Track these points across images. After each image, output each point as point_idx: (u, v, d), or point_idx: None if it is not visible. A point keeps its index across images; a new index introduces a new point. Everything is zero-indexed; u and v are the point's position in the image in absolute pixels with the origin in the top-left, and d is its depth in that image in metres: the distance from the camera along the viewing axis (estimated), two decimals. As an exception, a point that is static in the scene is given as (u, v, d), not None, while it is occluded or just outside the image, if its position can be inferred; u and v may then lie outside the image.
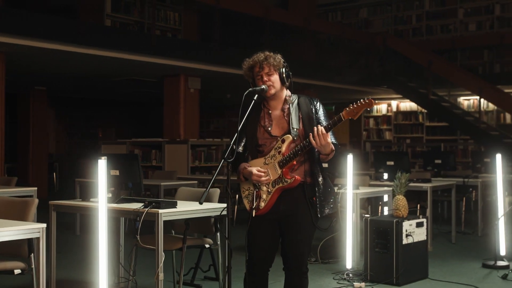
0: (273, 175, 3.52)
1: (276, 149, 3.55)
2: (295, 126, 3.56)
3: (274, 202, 3.54)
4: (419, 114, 16.00)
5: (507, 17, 14.83)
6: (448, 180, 8.01)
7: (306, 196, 3.56)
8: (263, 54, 3.61)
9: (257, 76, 3.61)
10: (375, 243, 5.56)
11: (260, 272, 3.65)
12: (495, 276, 5.87)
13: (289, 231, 3.60)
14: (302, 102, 3.67)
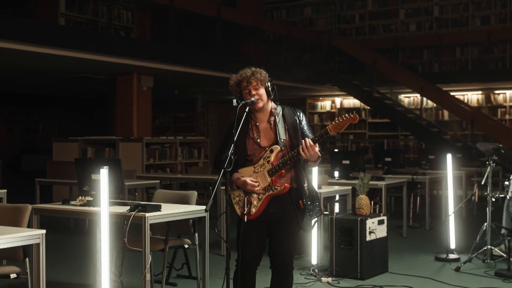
0: (263, 183, 3.78)
1: (265, 159, 3.80)
2: (282, 137, 3.83)
3: (264, 207, 3.79)
4: (362, 110, 16.52)
5: (445, 18, 15.49)
6: (400, 177, 8.45)
7: (293, 200, 3.84)
8: (250, 70, 3.86)
9: (245, 90, 3.85)
10: (340, 240, 5.90)
11: (250, 271, 3.92)
12: (448, 268, 6.31)
13: (277, 232, 3.87)
14: (287, 114, 3.94)
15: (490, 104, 15.08)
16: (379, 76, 14.37)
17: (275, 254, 3.90)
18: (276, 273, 3.95)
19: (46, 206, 4.90)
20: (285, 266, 3.92)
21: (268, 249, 3.95)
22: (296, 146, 3.80)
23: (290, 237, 3.89)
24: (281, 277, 3.94)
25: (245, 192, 3.82)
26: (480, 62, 14.84)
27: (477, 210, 10.28)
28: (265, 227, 3.89)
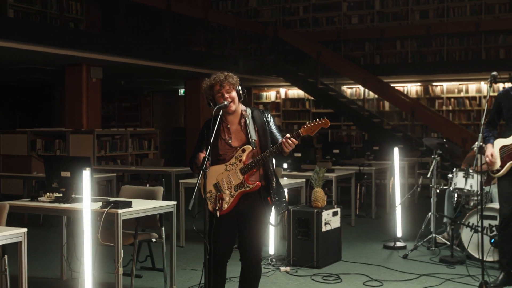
0: (235, 181, 4.03)
1: (236, 158, 4.05)
2: (253, 138, 4.09)
3: (235, 203, 4.04)
4: (306, 101, 16.93)
5: (386, 12, 15.99)
6: (348, 168, 8.83)
7: (262, 197, 4.11)
8: (223, 74, 4.10)
9: (218, 94, 4.08)
10: (297, 231, 6.21)
11: (221, 264, 4.17)
12: (396, 256, 6.71)
13: (247, 227, 4.13)
14: (256, 115, 4.21)
15: (428, 95, 15.71)
16: (323, 68, 14.77)
17: (245, 248, 4.16)
18: (245, 265, 4.21)
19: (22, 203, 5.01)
20: (254, 259, 4.18)
21: (238, 243, 4.20)
22: (265, 146, 4.08)
23: (259, 232, 4.16)
24: (250, 269, 4.21)
25: (216, 188, 4.05)
26: (419, 55, 15.43)
27: (418, 199, 10.81)
28: (235, 223, 4.14)
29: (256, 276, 4.24)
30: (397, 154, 7.42)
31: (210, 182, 4.06)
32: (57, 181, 5.07)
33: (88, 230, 3.81)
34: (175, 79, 15.22)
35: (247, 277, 4.23)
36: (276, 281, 5.66)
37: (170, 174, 8.86)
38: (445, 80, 15.37)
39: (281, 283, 5.59)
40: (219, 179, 4.05)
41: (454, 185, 6.71)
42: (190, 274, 5.89)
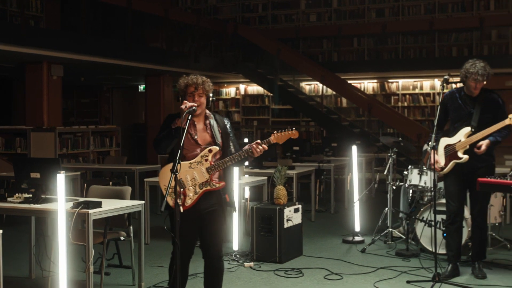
0: (201, 179, 4.23)
1: (203, 157, 4.26)
2: (218, 140, 4.30)
3: (197, 200, 4.24)
4: (265, 97, 17.16)
5: (343, 10, 16.31)
6: (308, 165, 9.10)
7: (222, 195, 4.33)
8: (201, 78, 4.31)
9: (190, 94, 4.27)
10: (260, 227, 6.43)
11: (185, 260, 4.37)
12: (355, 250, 7.00)
13: (208, 225, 4.35)
14: (218, 120, 4.45)
15: (384, 92, 16.12)
16: (282, 65, 15.01)
17: (207, 244, 4.38)
18: (208, 261, 4.43)
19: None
20: (217, 254, 4.41)
21: (200, 240, 4.41)
22: (227, 148, 4.36)
23: (220, 228, 4.40)
24: (213, 264, 4.43)
25: (180, 185, 4.23)
26: (375, 53, 15.79)
27: (375, 194, 11.15)
28: (196, 221, 4.33)
29: (219, 270, 4.47)
30: (355, 151, 7.71)
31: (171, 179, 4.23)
32: (27, 182, 5.18)
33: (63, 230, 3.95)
34: (136, 76, 15.27)
35: (211, 272, 4.46)
36: (240, 276, 5.87)
37: (133, 172, 8.98)
38: (401, 77, 15.79)
39: (245, 278, 5.81)
40: (183, 176, 4.23)
41: (409, 182, 7.03)
42: (157, 270, 6.05)
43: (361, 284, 5.60)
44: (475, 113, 5.54)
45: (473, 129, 5.52)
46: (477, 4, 14.96)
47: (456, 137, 5.62)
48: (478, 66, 5.43)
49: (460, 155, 5.56)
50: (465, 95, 5.66)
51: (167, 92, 14.56)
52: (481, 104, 5.56)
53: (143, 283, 5.40)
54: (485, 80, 5.48)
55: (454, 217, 5.75)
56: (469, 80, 5.50)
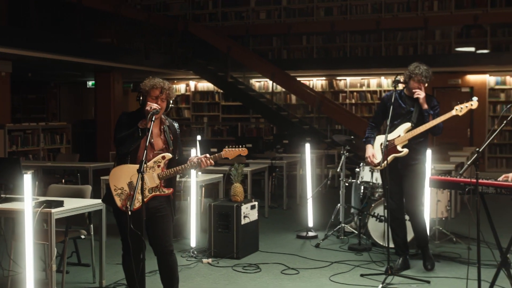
0: (151, 183, 4.36)
1: (155, 162, 4.38)
2: (171, 147, 4.46)
3: (146, 203, 4.34)
4: (215, 94, 17.27)
5: (292, 8, 16.55)
6: (261, 162, 9.26)
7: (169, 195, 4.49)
8: (167, 84, 4.42)
9: (153, 97, 4.35)
10: (218, 224, 6.56)
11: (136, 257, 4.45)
12: (309, 245, 7.20)
13: (157, 223, 4.47)
14: (170, 124, 4.60)
15: (333, 89, 16.45)
16: (233, 62, 15.13)
17: (157, 241, 4.51)
18: (160, 256, 4.56)
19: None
20: (167, 249, 4.54)
21: (149, 238, 4.51)
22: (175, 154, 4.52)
23: (167, 224, 4.53)
24: (165, 258, 4.56)
25: (130, 187, 4.32)
26: (324, 51, 16.10)
27: (327, 190, 11.40)
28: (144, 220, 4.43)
29: (172, 264, 4.61)
30: (308, 148, 7.92)
31: (124, 179, 4.33)
32: (-14, 182, 5.17)
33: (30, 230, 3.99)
34: (85, 72, 15.14)
35: (165, 267, 4.60)
36: (199, 273, 5.99)
37: (87, 170, 8.96)
38: (348, 74, 16.15)
39: (204, 274, 5.93)
40: (134, 178, 4.30)
41: (361, 178, 7.27)
42: (116, 268, 6.09)
43: (317, 278, 5.79)
44: (415, 111, 5.84)
45: (413, 124, 5.80)
46: (422, 4, 15.41)
47: (396, 132, 5.89)
48: (422, 69, 5.79)
49: (399, 149, 5.83)
50: (405, 95, 5.97)
51: (117, 88, 14.50)
52: (419, 104, 5.85)
53: (104, 280, 5.46)
54: (427, 81, 5.81)
55: (395, 215, 6.00)
56: (413, 81, 5.80)
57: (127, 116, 4.48)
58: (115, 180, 4.39)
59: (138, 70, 14.30)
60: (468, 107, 5.44)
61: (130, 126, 4.33)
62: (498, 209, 6.52)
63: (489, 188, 4.12)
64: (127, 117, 4.46)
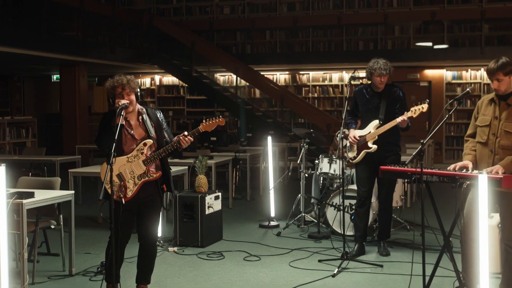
0: (138, 171, 4.59)
1: (138, 150, 4.62)
2: (152, 133, 4.67)
3: (137, 191, 4.60)
4: (180, 88, 17.47)
5: (256, 3, 16.80)
6: (225, 155, 9.54)
7: (159, 185, 4.71)
8: (125, 78, 4.63)
9: (119, 95, 4.60)
10: (183, 214, 6.82)
11: (121, 246, 4.71)
12: (271, 234, 7.51)
13: (146, 212, 4.72)
14: (151, 113, 4.80)
15: (296, 83, 16.79)
16: (197, 56, 15.34)
17: (144, 230, 4.75)
18: (144, 246, 4.80)
19: None
20: (153, 239, 4.80)
21: (137, 227, 4.77)
22: (161, 140, 4.71)
23: (156, 216, 4.79)
24: (148, 248, 4.82)
25: (120, 178, 4.58)
26: (287, 45, 16.40)
27: (289, 181, 11.74)
28: (135, 209, 4.69)
29: (153, 255, 4.87)
30: (270, 141, 8.23)
31: (113, 173, 4.57)
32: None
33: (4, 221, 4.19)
34: (50, 66, 15.19)
35: (145, 256, 4.84)
36: (165, 260, 6.25)
37: (54, 163, 9.13)
38: (311, 69, 16.50)
39: (170, 262, 6.19)
40: (122, 170, 4.58)
41: (320, 170, 7.61)
42: (85, 257, 6.33)
43: (277, 264, 6.10)
44: (382, 107, 6.18)
45: (381, 121, 6.16)
46: (382, 1, 15.82)
47: (367, 129, 6.24)
48: (380, 62, 6.12)
49: (370, 145, 6.18)
50: (372, 90, 6.30)
51: (82, 82, 14.60)
52: (386, 98, 6.21)
53: (73, 268, 5.68)
54: (388, 73, 6.13)
55: (364, 200, 6.37)
56: (375, 76, 6.14)
57: (106, 116, 4.68)
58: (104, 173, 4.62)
59: (103, 64, 14.43)
60: (420, 110, 5.81)
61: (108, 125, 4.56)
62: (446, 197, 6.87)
63: (433, 177, 4.46)
64: (106, 117, 4.66)
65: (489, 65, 4.45)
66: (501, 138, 4.44)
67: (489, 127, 4.51)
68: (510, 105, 4.46)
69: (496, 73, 4.40)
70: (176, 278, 5.63)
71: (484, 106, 4.62)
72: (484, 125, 4.55)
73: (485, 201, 3.84)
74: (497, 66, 4.39)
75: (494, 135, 4.47)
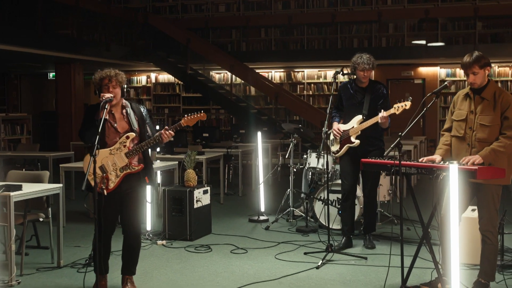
0: (121, 163, 4.68)
1: (121, 143, 4.71)
2: (135, 127, 4.76)
3: (119, 183, 4.69)
4: (176, 85, 17.55)
5: (251, 1, 16.89)
6: (217, 151, 9.63)
7: (141, 177, 4.80)
8: (114, 71, 4.73)
9: (105, 86, 4.70)
10: (172, 208, 6.91)
11: (107, 236, 4.81)
12: (259, 228, 7.60)
13: (129, 204, 4.82)
14: (134, 107, 4.90)
15: (291, 81, 16.89)
16: (192, 54, 15.44)
17: (128, 222, 4.84)
18: (128, 237, 4.89)
19: None
20: (136, 231, 4.89)
21: (120, 219, 4.86)
22: (144, 133, 4.80)
23: (139, 208, 4.89)
24: (132, 240, 4.91)
25: (102, 170, 4.66)
26: (282, 43, 16.49)
27: (281, 177, 11.84)
28: (118, 201, 4.78)
29: (138, 245, 4.96)
30: (260, 137, 8.32)
31: (96, 165, 4.65)
32: None
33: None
34: (45, 64, 15.27)
35: (129, 248, 4.93)
36: (153, 253, 6.33)
37: (47, 159, 9.21)
38: (306, 66, 16.59)
39: (158, 255, 6.28)
40: (104, 162, 4.67)
41: (308, 165, 7.70)
42: (74, 250, 6.42)
43: (263, 256, 6.18)
44: (365, 102, 6.26)
45: (364, 116, 6.24)
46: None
47: (350, 123, 6.33)
48: (364, 57, 6.19)
49: (352, 139, 6.27)
50: (356, 85, 6.38)
51: (78, 80, 14.69)
52: (369, 94, 6.29)
53: (62, 260, 5.77)
54: (371, 68, 6.20)
55: (348, 194, 6.46)
56: (358, 71, 6.22)
57: (91, 109, 4.78)
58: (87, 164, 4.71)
59: (98, 62, 14.49)
60: (403, 107, 5.87)
61: (92, 118, 4.65)
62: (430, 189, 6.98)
63: (412, 169, 4.54)
64: (90, 110, 4.76)
65: (464, 59, 4.54)
66: (477, 131, 4.53)
67: (465, 121, 4.60)
68: (485, 98, 4.55)
69: (472, 67, 4.49)
70: (162, 270, 5.72)
71: (460, 101, 4.72)
72: (460, 119, 4.64)
73: (456, 191, 3.92)
74: (472, 60, 4.48)
75: (471, 129, 4.56)
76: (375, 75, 16.19)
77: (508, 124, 4.47)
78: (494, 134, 4.50)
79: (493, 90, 4.56)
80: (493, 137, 4.49)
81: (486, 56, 4.57)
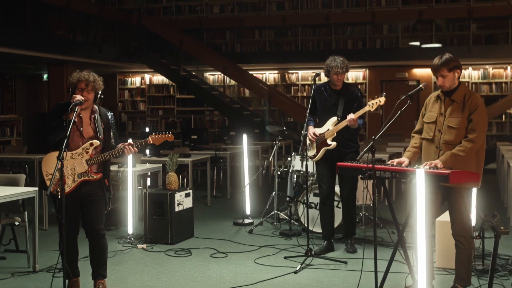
0: (80, 169, 4.67)
1: (84, 149, 4.68)
2: (100, 135, 4.73)
3: (76, 188, 4.63)
4: (170, 87, 17.50)
5: (245, 2, 16.82)
6: (204, 153, 9.57)
7: (101, 180, 4.76)
8: (93, 76, 4.70)
9: (79, 89, 4.64)
10: (153, 211, 6.84)
11: (72, 240, 4.75)
12: (243, 231, 7.54)
13: (89, 207, 4.80)
14: (103, 114, 4.87)
15: (285, 82, 16.81)
16: (186, 55, 15.38)
17: (89, 224, 4.83)
18: (92, 239, 4.87)
19: None
20: (99, 232, 4.85)
21: (82, 221, 4.82)
22: (108, 142, 4.81)
23: (100, 209, 4.85)
24: (96, 242, 4.87)
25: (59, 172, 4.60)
26: (276, 44, 16.42)
27: (271, 180, 11.74)
28: (77, 203, 4.74)
29: (103, 247, 4.92)
30: (245, 139, 8.26)
31: (54, 166, 4.58)
32: None
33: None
34: (38, 65, 15.22)
35: (95, 250, 4.90)
36: (132, 257, 6.27)
37: (33, 161, 9.15)
38: (300, 68, 16.52)
39: (136, 259, 6.22)
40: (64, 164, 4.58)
41: (292, 167, 7.63)
42: (53, 254, 6.35)
43: (243, 261, 6.12)
44: (340, 105, 6.20)
45: (339, 118, 6.17)
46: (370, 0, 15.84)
47: (325, 126, 6.27)
48: (338, 61, 6.12)
49: (329, 142, 6.21)
50: (330, 88, 6.32)
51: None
52: (344, 96, 6.22)
53: (37, 265, 5.71)
54: (345, 72, 6.14)
55: (326, 199, 6.39)
56: (332, 74, 6.16)
57: (59, 107, 4.73)
58: (47, 166, 4.69)
59: (92, 64, 14.45)
60: (378, 103, 5.81)
61: (60, 117, 4.60)
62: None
63: (386, 172, 4.48)
64: (59, 108, 4.72)
65: (434, 62, 4.49)
66: (445, 133, 4.49)
67: (435, 123, 4.56)
68: (454, 101, 4.50)
69: (441, 69, 4.44)
70: (139, 274, 5.66)
71: (431, 103, 4.66)
72: (431, 121, 4.59)
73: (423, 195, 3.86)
74: (441, 62, 4.43)
75: (440, 132, 4.51)
76: (370, 77, 16.15)
77: (471, 127, 4.43)
78: (460, 137, 4.45)
79: (463, 93, 4.51)
80: (460, 139, 4.44)
81: (456, 58, 4.53)
